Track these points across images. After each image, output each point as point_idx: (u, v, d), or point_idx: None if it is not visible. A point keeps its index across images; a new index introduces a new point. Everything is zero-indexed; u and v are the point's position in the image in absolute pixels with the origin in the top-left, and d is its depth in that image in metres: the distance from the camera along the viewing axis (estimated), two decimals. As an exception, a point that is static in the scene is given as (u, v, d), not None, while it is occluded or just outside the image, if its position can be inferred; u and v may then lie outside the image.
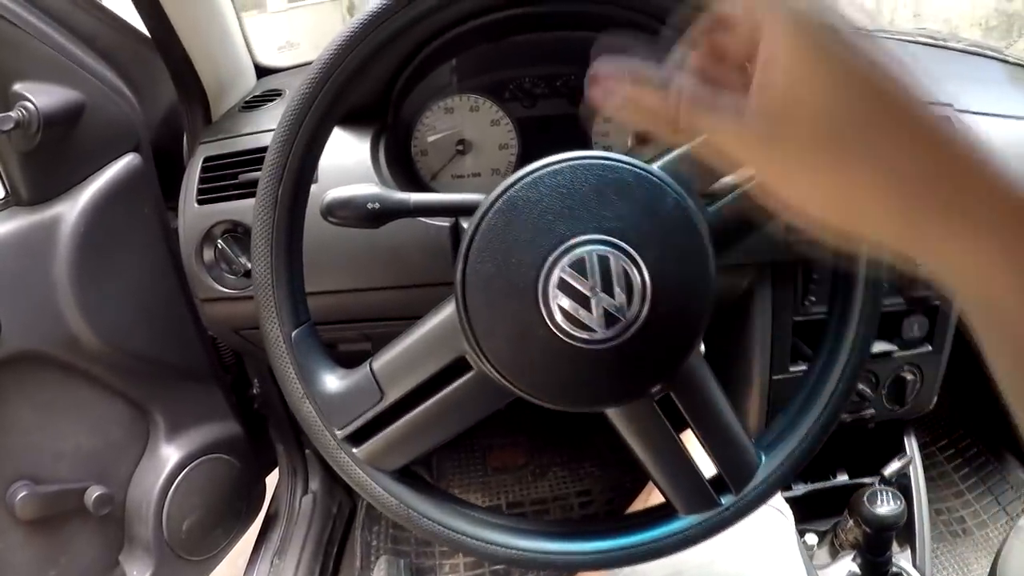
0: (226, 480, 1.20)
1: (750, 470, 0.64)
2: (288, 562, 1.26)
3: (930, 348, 1.07)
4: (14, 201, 0.94)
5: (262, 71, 1.20)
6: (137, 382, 1.08)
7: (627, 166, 0.54)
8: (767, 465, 0.65)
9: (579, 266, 0.52)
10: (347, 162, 0.85)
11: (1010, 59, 1.20)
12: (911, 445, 1.19)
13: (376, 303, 0.88)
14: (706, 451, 0.63)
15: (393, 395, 0.60)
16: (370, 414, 0.60)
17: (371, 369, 0.61)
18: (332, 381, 0.61)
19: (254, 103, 1.05)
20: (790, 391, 1.00)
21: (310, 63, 1.17)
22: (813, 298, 0.97)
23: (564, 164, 0.53)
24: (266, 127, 0.96)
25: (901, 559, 1.07)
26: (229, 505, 1.23)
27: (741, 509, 0.64)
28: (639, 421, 0.60)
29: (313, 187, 0.82)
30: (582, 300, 0.52)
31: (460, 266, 0.54)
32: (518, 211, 0.53)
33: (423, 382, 0.59)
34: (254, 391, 1.30)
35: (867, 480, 1.17)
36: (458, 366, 0.58)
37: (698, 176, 0.58)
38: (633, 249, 0.52)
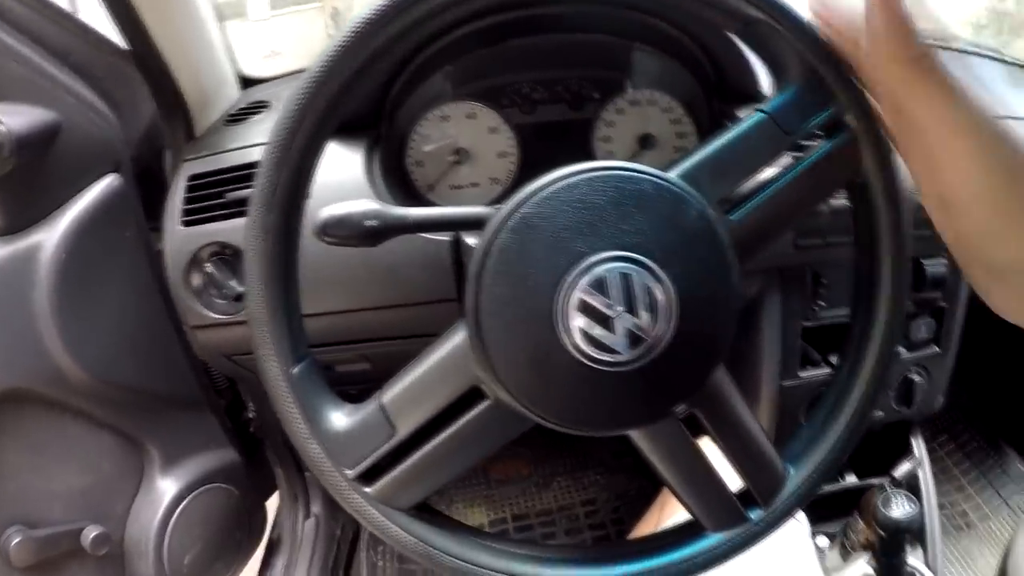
0: (226, 510, 1.16)
1: (778, 483, 0.62)
2: (295, 590, 1.23)
3: (937, 349, 1.06)
4: (-11, 231, 0.88)
5: (247, 82, 1.16)
6: (128, 414, 1.03)
7: (646, 176, 0.51)
8: (795, 477, 0.62)
9: (600, 285, 0.49)
10: (340, 176, 0.82)
11: (1008, 59, 1.19)
12: (919, 446, 1.18)
13: (374, 323, 0.85)
14: (732, 466, 0.61)
15: (405, 430, 0.56)
16: (382, 451, 0.57)
17: (381, 404, 0.57)
18: (339, 418, 0.58)
19: (239, 116, 1.01)
20: (800, 396, 1.01)
21: (296, 72, 1.16)
22: (823, 303, 0.95)
23: (580, 176, 0.51)
24: (253, 141, 0.92)
25: (911, 558, 1.06)
26: (230, 535, 1.18)
27: (770, 523, 0.62)
28: (664, 441, 0.58)
29: (306, 204, 0.80)
30: (604, 321, 0.49)
31: (472, 289, 0.51)
32: (533, 228, 0.50)
33: (436, 414, 0.56)
34: (250, 415, 1.26)
35: (875, 481, 1.16)
36: (472, 395, 0.56)
37: (718, 183, 0.55)
38: (656, 265, 0.50)
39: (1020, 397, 1.57)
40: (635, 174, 0.51)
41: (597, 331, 0.49)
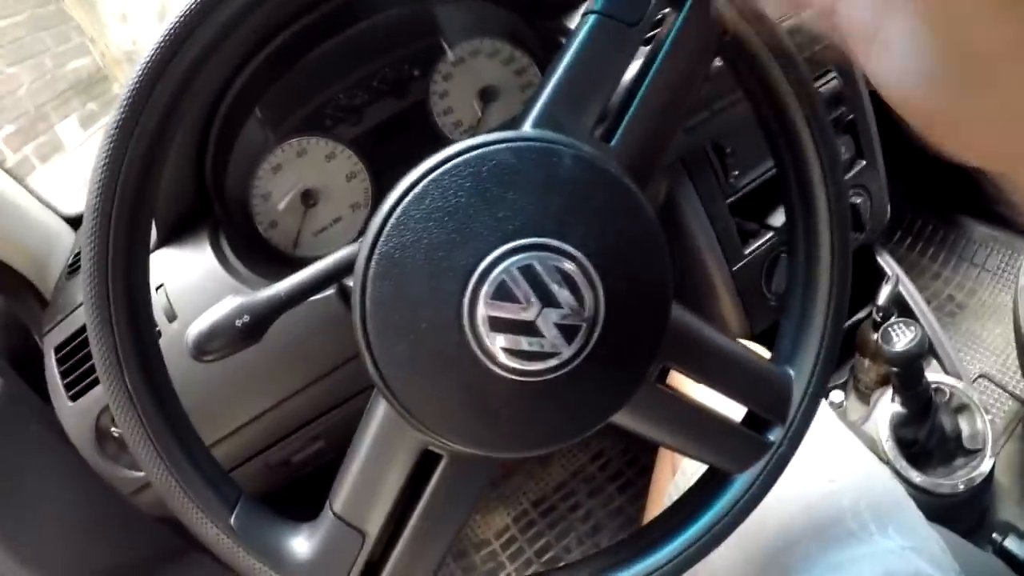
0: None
1: (786, 394, 0.56)
2: None
3: (864, 163, 1.01)
4: None
5: (77, 222, 1.06)
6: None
7: (498, 145, 0.43)
8: (800, 378, 0.56)
9: (503, 292, 0.41)
10: (194, 279, 0.73)
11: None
12: (889, 264, 1.13)
13: (305, 405, 0.77)
14: (731, 397, 0.55)
15: (375, 528, 0.49)
16: (361, 560, 0.49)
17: (335, 513, 0.49)
18: (300, 544, 0.50)
19: (77, 263, 0.92)
20: (754, 271, 0.95)
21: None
22: (736, 172, 0.89)
23: (425, 182, 0.42)
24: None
25: (930, 373, 1.02)
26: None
27: (795, 436, 0.56)
28: (646, 410, 0.51)
29: (175, 325, 0.71)
30: (526, 329, 0.42)
31: (367, 357, 0.43)
32: (400, 265, 0.42)
33: (398, 497, 0.49)
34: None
35: (862, 314, 1.11)
36: (426, 460, 0.48)
37: (580, 114, 0.47)
38: (553, 239, 0.42)
39: (953, 165, 1.55)
40: (484, 150, 0.43)
41: (524, 343, 0.42)
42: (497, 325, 0.42)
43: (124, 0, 4.31)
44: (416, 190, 0.42)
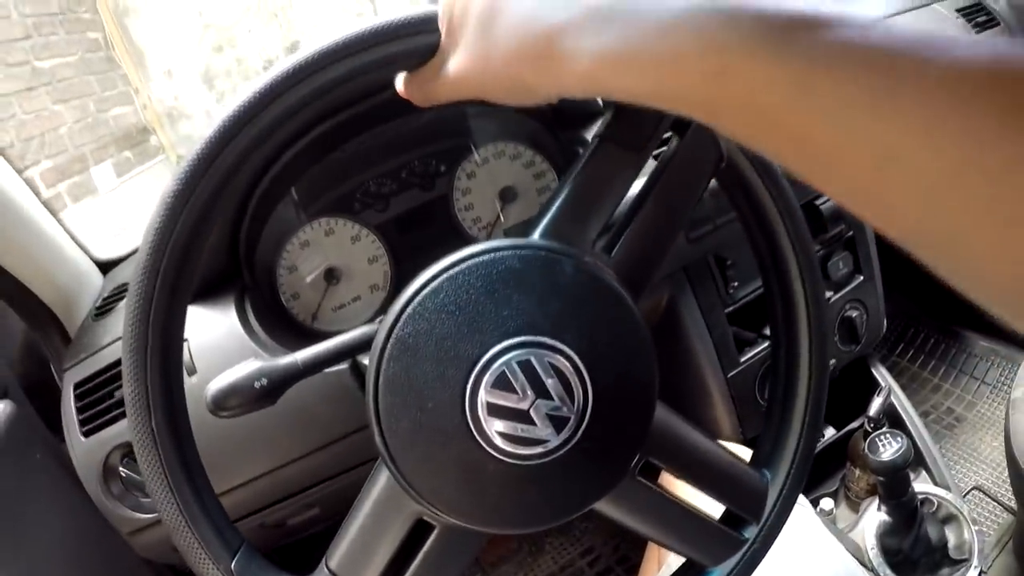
0: None
1: (761, 494, 0.60)
2: None
3: (862, 278, 1.05)
4: None
5: (106, 266, 1.11)
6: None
7: (508, 251, 0.48)
8: (776, 480, 0.60)
9: (503, 382, 0.46)
10: (216, 338, 0.77)
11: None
12: (883, 375, 1.16)
13: (306, 471, 0.80)
14: (709, 494, 0.58)
15: None
16: None
17: (329, 569, 0.53)
18: None
19: (105, 307, 0.96)
20: (749, 379, 0.98)
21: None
22: (735, 283, 0.93)
23: (441, 278, 0.47)
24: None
25: (918, 484, 1.04)
26: None
27: (768, 535, 0.59)
28: (628, 501, 0.54)
29: (193, 379, 0.75)
30: (520, 416, 0.46)
31: (376, 431, 0.47)
32: (412, 349, 0.46)
33: (390, 561, 0.52)
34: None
35: (855, 425, 1.14)
36: (420, 528, 0.52)
37: (584, 228, 0.52)
38: (550, 338, 0.47)
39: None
40: (496, 254, 0.48)
41: (519, 429, 0.46)
42: (495, 411, 0.46)
43: (171, 57, 4.49)
44: (433, 284, 0.47)
